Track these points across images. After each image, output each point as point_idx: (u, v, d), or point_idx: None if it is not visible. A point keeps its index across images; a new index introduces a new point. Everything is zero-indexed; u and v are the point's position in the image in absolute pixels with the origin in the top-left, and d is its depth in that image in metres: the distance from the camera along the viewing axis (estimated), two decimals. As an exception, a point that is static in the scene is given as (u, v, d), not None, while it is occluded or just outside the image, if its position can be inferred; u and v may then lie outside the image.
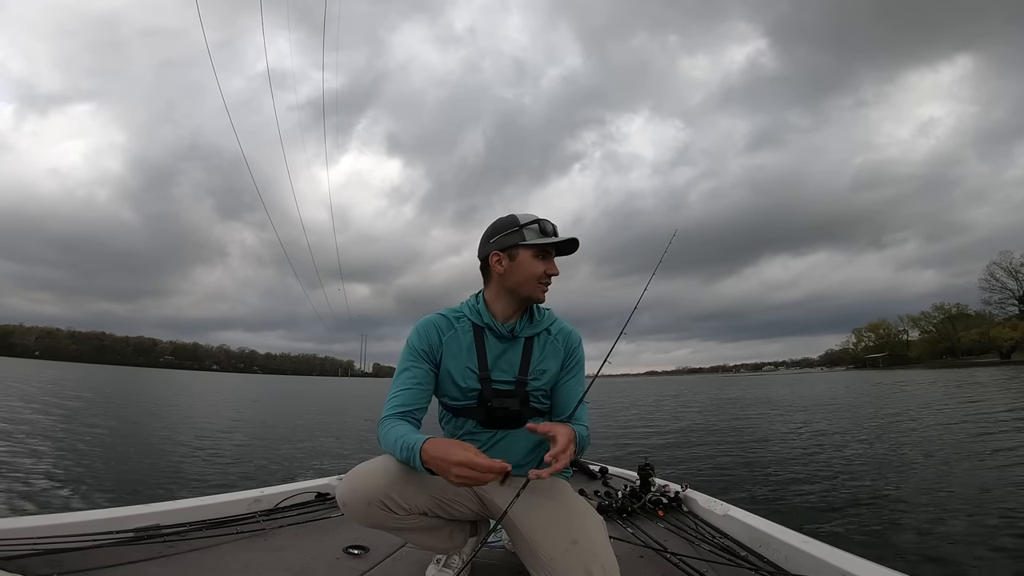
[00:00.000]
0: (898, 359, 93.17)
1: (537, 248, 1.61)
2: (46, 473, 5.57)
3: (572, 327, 1.75)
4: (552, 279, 1.64)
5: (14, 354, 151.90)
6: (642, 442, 9.56)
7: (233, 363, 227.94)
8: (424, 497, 1.48)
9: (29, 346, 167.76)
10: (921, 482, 5.48)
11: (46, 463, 6.07)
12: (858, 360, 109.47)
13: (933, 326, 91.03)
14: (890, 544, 3.66)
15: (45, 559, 1.54)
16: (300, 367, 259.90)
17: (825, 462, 6.86)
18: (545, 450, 1.68)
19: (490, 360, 1.62)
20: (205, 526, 2.02)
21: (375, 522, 1.46)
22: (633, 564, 1.90)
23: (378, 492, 1.41)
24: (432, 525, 1.56)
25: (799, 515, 4.37)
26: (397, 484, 1.43)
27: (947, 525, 3.96)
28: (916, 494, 4.95)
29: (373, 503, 1.41)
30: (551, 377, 1.66)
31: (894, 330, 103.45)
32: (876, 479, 5.70)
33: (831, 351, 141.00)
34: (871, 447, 7.93)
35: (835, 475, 5.99)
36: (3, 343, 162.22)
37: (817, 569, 1.62)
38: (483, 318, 1.64)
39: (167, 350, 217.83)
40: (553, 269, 1.63)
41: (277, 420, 14.58)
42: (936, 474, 5.79)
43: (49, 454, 6.68)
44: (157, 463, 6.65)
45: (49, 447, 7.19)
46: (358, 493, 1.42)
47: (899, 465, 6.39)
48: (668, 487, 2.71)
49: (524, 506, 1.42)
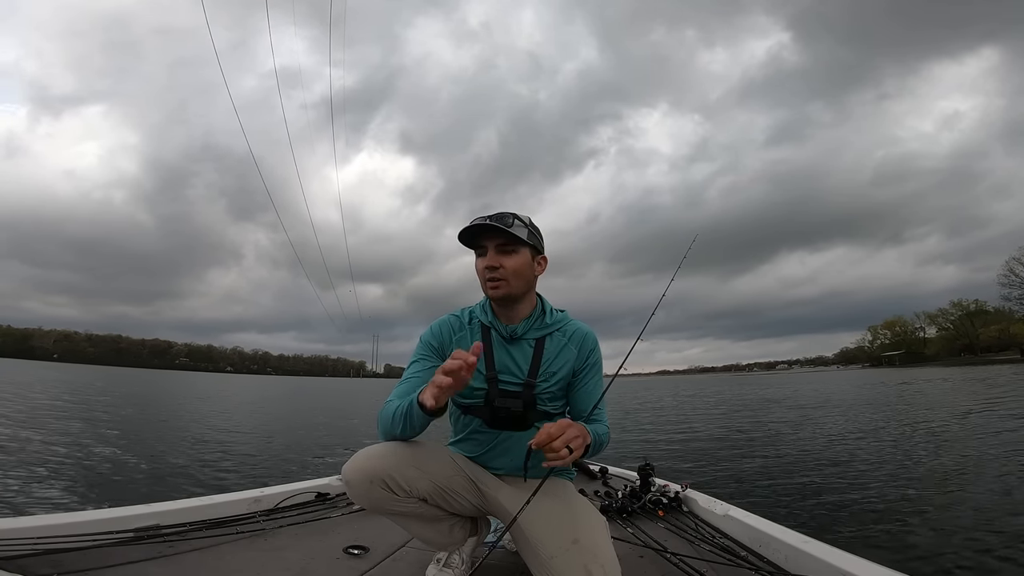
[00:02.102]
0: (915, 357, 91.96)
1: (473, 246, 1.61)
2: (47, 473, 5.61)
3: (588, 328, 1.72)
4: (496, 271, 1.55)
5: (34, 357, 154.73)
6: (642, 442, 9.51)
7: (247, 365, 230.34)
8: (425, 482, 1.49)
9: (48, 349, 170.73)
10: (923, 482, 5.40)
11: (47, 463, 6.11)
12: (874, 358, 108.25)
13: (951, 323, 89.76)
14: (891, 544, 3.62)
15: (45, 559, 1.55)
16: (313, 368, 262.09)
17: (826, 462, 6.78)
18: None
19: (497, 361, 1.62)
20: (205, 526, 2.03)
21: (375, 502, 1.46)
22: (633, 564, 1.89)
23: (381, 472, 1.43)
24: (432, 516, 1.57)
25: (799, 515, 4.33)
26: (400, 466, 1.45)
27: (948, 525, 3.91)
28: (918, 494, 4.89)
29: (375, 482, 1.43)
30: (563, 379, 1.64)
31: (911, 327, 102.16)
32: (877, 479, 5.62)
33: (846, 349, 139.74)
34: (874, 446, 7.82)
35: (836, 475, 5.92)
36: (23, 346, 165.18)
37: (817, 569, 1.60)
38: (488, 318, 1.65)
39: (182, 352, 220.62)
40: (488, 262, 1.56)
41: (282, 421, 14.65)
42: (940, 474, 5.70)
43: (51, 455, 6.72)
44: (158, 463, 6.68)
45: (53, 448, 7.24)
46: (362, 472, 1.43)
47: (902, 465, 6.29)
48: (668, 487, 2.70)
49: (527, 505, 1.43)
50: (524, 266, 1.58)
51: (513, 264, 1.56)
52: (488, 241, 1.56)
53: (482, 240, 1.57)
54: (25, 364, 78.16)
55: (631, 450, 8.30)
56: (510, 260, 1.56)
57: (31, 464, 6.05)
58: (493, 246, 1.56)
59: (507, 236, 1.54)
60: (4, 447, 7.00)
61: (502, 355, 1.63)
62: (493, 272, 1.55)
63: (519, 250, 1.57)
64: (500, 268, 1.55)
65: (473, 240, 1.58)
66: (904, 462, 6.45)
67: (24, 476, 5.37)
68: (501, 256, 1.55)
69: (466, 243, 1.60)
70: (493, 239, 1.56)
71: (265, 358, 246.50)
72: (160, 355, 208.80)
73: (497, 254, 1.55)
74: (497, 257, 1.55)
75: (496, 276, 1.55)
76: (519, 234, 1.54)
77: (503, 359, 1.62)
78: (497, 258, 1.55)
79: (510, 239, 1.55)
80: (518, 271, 1.57)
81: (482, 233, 1.56)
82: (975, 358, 73.24)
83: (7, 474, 5.38)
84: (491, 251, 1.56)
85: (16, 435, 8.16)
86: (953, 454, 6.83)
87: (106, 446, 7.79)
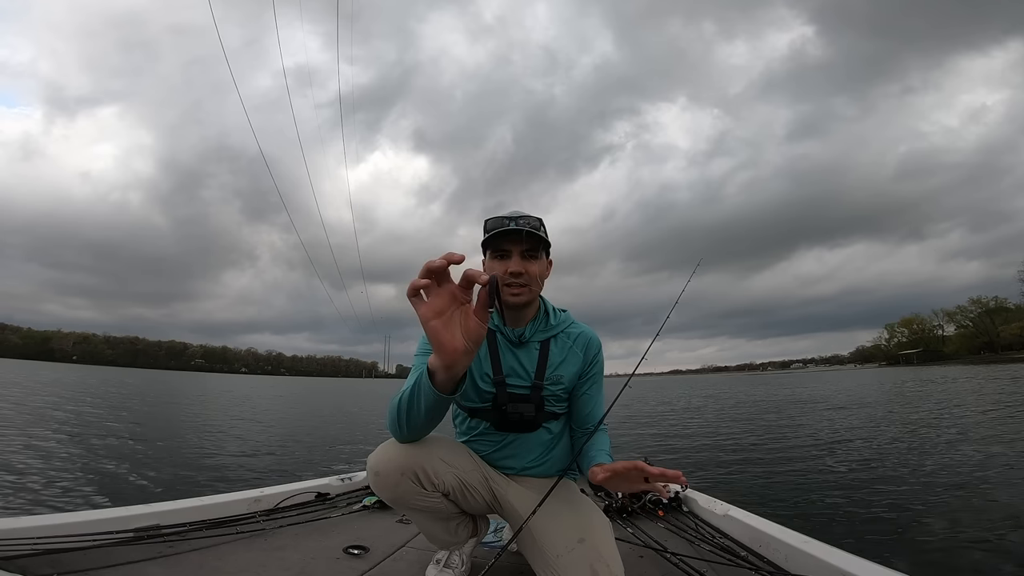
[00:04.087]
0: (933, 355, 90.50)
1: (492, 248, 1.52)
2: (46, 473, 5.65)
3: (592, 331, 1.69)
4: (520, 277, 1.49)
5: (53, 359, 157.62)
6: (643, 441, 9.47)
7: (261, 365, 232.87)
8: (451, 476, 1.48)
9: (67, 351, 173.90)
10: (924, 482, 5.33)
11: (47, 465, 6.15)
12: (891, 356, 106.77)
13: (970, 320, 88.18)
14: (891, 544, 3.59)
15: (45, 559, 1.55)
16: (325, 369, 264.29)
17: (828, 461, 6.72)
18: (554, 450, 1.69)
19: (505, 364, 1.60)
20: (205, 526, 2.04)
21: (401, 494, 1.44)
22: (633, 564, 1.88)
23: (413, 463, 1.41)
24: (446, 513, 1.56)
25: (799, 515, 4.29)
26: (431, 458, 1.44)
27: (949, 525, 3.88)
28: (918, 494, 4.83)
29: (407, 473, 1.41)
30: (568, 381, 1.63)
31: (929, 325, 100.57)
32: (879, 479, 5.57)
33: (862, 347, 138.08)
34: (877, 446, 7.75)
35: (837, 475, 5.87)
36: (43, 348, 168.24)
37: (817, 569, 1.59)
38: (494, 321, 1.62)
39: (197, 353, 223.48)
40: (513, 267, 1.48)
41: (287, 421, 14.74)
42: (945, 474, 5.62)
43: (54, 455, 6.78)
44: (158, 463, 6.72)
45: (56, 449, 7.31)
46: (393, 463, 1.41)
47: (905, 465, 6.22)
48: (668, 487, 2.67)
49: (531, 505, 1.43)
50: (543, 271, 1.56)
51: (536, 270, 1.52)
52: (514, 245, 1.48)
53: (505, 244, 1.49)
54: (45, 366, 79.43)
55: (631, 450, 8.27)
56: (533, 266, 1.51)
57: (35, 463, 6.12)
58: (519, 251, 1.49)
59: (536, 242, 1.49)
60: (10, 448, 7.08)
61: (509, 358, 1.61)
62: (518, 279, 1.49)
63: (540, 255, 1.53)
64: (524, 275, 1.49)
65: (494, 242, 1.50)
66: (909, 462, 6.38)
67: (24, 477, 5.42)
68: (526, 262, 1.49)
69: (486, 244, 1.52)
70: (519, 244, 1.48)
71: (279, 359, 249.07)
72: (176, 356, 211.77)
73: (522, 260, 1.49)
74: (522, 263, 1.49)
75: (521, 283, 1.50)
76: (547, 239, 1.52)
77: (510, 362, 1.61)
78: (522, 264, 1.48)
79: (537, 245, 1.51)
80: (539, 277, 1.54)
81: (505, 236, 1.48)
82: (996, 356, 71.84)
83: (8, 475, 5.43)
84: (516, 256, 1.48)
85: (28, 436, 8.28)
86: (959, 454, 6.74)
87: (111, 447, 7.87)
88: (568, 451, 1.72)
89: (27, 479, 5.30)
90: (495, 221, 1.51)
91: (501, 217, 1.52)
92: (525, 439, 1.63)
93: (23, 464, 6.04)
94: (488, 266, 1.53)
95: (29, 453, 6.78)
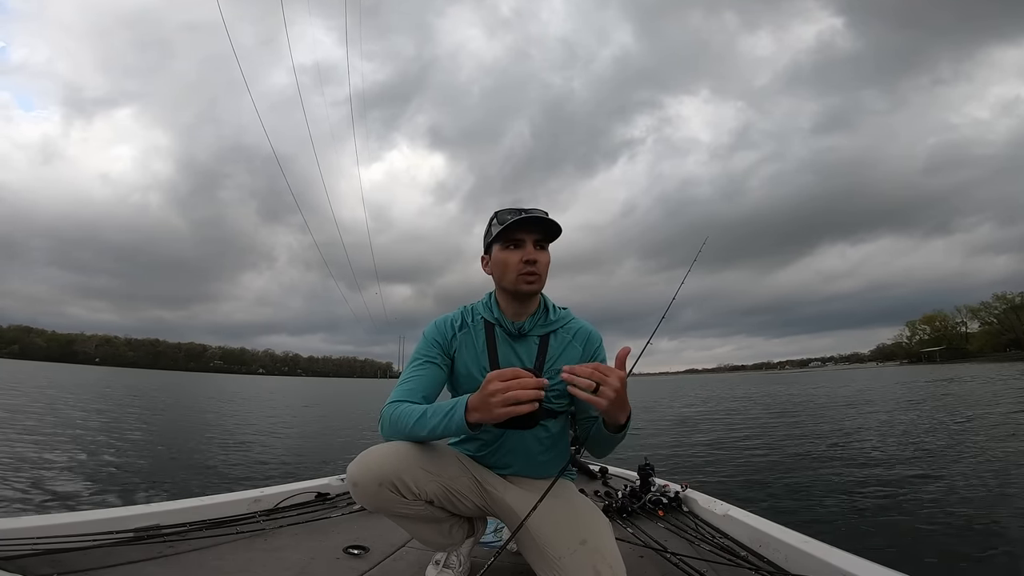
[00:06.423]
0: (956, 353, 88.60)
1: (504, 239, 1.54)
2: (48, 473, 5.71)
3: (592, 327, 1.68)
4: (534, 266, 1.52)
5: (77, 361, 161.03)
6: (642, 442, 9.41)
7: (278, 367, 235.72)
8: (433, 484, 1.46)
9: (90, 353, 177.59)
10: (925, 482, 5.27)
11: (47, 465, 6.22)
12: (912, 355, 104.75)
13: (995, 317, 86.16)
14: (891, 544, 3.57)
15: (45, 559, 1.56)
16: (341, 369, 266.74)
17: (827, 461, 6.68)
18: (552, 449, 1.66)
19: (502, 359, 1.59)
20: (205, 526, 2.04)
21: (382, 504, 1.43)
22: (633, 564, 1.86)
23: (391, 474, 1.39)
24: (435, 517, 1.54)
25: (799, 515, 4.26)
26: (411, 468, 1.41)
27: (949, 525, 3.85)
28: (919, 494, 4.79)
29: (385, 484, 1.39)
30: None
31: (951, 322, 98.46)
32: (879, 479, 5.53)
33: (882, 345, 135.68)
34: (880, 446, 7.67)
35: (837, 475, 5.83)
36: (67, 351, 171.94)
37: (817, 569, 1.57)
38: (493, 314, 1.62)
39: (216, 355, 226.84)
40: (528, 255, 1.51)
41: (292, 422, 14.85)
42: (948, 475, 5.54)
43: (56, 456, 6.85)
44: (159, 464, 6.80)
45: (56, 449, 7.39)
46: (371, 473, 1.39)
47: (908, 465, 6.14)
48: (668, 487, 2.67)
49: (528, 506, 1.40)
50: (550, 262, 1.58)
51: (546, 259, 1.55)
52: (528, 235, 1.52)
53: (519, 233, 1.52)
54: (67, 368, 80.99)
55: (631, 450, 8.25)
56: (544, 256, 1.55)
57: (35, 464, 6.19)
58: (532, 240, 1.53)
59: (549, 231, 1.54)
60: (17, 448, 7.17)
61: (507, 351, 1.60)
62: (532, 267, 1.52)
63: (548, 246, 1.57)
64: (537, 263, 1.52)
65: (507, 231, 1.53)
66: (913, 462, 6.30)
67: (24, 477, 5.46)
68: (539, 252, 1.53)
69: (500, 233, 1.54)
70: (533, 233, 1.53)
71: (295, 360, 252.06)
72: (195, 358, 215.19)
73: (536, 249, 1.53)
74: (535, 252, 1.52)
75: (534, 271, 1.52)
76: (559, 228, 1.54)
77: (508, 356, 1.59)
78: (536, 253, 1.52)
79: (550, 235, 1.55)
80: (548, 266, 1.57)
81: (520, 225, 1.51)
82: (1022, 353, 70.04)
83: (9, 475, 5.49)
84: (530, 245, 1.52)
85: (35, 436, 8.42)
86: (965, 454, 6.65)
87: (117, 447, 7.96)
88: (566, 452, 1.70)
89: (27, 479, 5.36)
90: (509, 212, 1.54)
91: (504, 209, 1.55)
92: (521, 438, 1.61)
93: (23, 464, 6.13)
94: (498, 257, 1.55)
95: (32, 453, 6.88)
